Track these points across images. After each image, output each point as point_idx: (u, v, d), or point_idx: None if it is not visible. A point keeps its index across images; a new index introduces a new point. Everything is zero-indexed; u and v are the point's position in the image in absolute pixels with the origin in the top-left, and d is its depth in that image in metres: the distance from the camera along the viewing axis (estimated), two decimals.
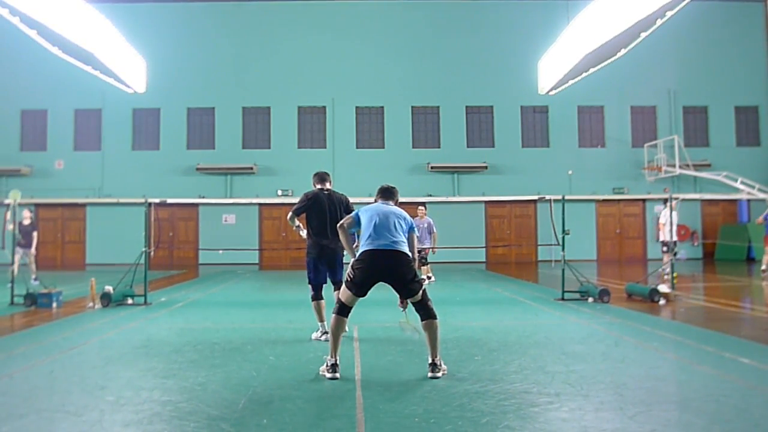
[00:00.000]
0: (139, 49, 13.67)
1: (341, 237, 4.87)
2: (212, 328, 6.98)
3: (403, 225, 4.73)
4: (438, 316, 4.59)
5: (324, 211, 6.09)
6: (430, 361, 4.53)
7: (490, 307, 8.97)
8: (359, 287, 4.57)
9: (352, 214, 4.91)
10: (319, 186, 6.29)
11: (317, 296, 6.20)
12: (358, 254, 4.66)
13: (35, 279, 12.50)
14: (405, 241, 4.67)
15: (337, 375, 4.47)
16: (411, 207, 13.30)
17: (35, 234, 13.07)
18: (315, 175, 6.40)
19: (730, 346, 5.56)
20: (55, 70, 18.15)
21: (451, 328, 6.54)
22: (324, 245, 6.07)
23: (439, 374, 4.46)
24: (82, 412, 3.64)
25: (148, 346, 5.82)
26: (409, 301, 4.65)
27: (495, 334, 6.33)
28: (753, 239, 18.96)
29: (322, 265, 6.14)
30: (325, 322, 6.02)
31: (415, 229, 4.86)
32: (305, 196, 6.22)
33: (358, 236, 4.87)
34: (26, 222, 12.90)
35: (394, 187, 5.11)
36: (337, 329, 4.56)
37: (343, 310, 4.61)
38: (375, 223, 4.64)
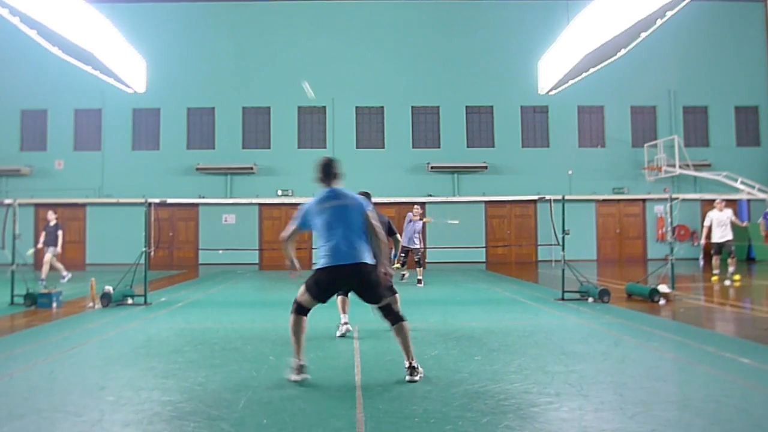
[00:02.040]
0: (139, 49, 13.67)
1: (282, 247, 4.58)
2: (212, 328, 6.98)
3: (360, 224, 4.41)
4: (406, 318, 4.48)
5: None
6: (407, 365, 4.41)
7: (490, 307, 8.96)
8: (320, 295, 4.43)
9: (296, 221, 4.52)
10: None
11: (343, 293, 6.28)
12: (318, 266, 4.38)
13: (42, 280, 12.62)
14: (365, 245, 4.40)
15: (306, 376, 4.36)
16: (410, 207, 13.33)
17: (60, 233, 13.44)
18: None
19: (730, 346, 5.56)
20: (55, 70, 18.18)
21: (451, 328, 6.53)
22: None
23: (417, 378, 4.37)
24: (82, 412, 3.64)
25: (148, 346, 5.82)
26: (374, 308, 4.44)
27: (495, 334, 6.31)
28: (753, 239, 18.96)
29: None
30: (346, 315, 6.37)
31: (391, 223, 4.69)
32: None
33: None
34: (51, 223, 13.38)
35: (334, 163, 4.55)
36: (298, 328, 4.42)
37: (301, 310, 4.47)
38: (332, 231, 4.33)
